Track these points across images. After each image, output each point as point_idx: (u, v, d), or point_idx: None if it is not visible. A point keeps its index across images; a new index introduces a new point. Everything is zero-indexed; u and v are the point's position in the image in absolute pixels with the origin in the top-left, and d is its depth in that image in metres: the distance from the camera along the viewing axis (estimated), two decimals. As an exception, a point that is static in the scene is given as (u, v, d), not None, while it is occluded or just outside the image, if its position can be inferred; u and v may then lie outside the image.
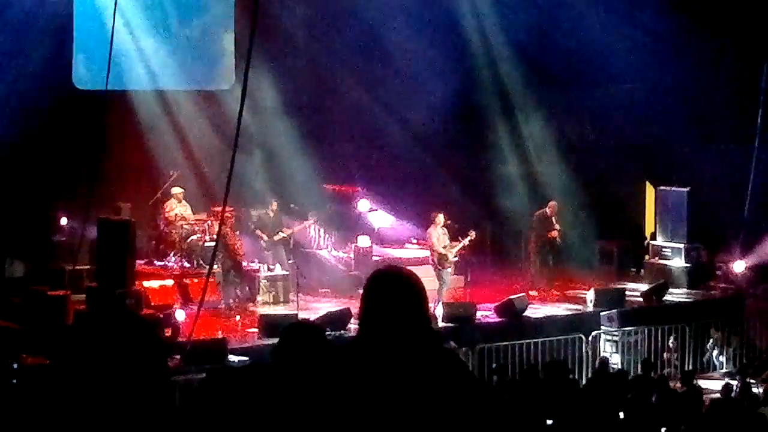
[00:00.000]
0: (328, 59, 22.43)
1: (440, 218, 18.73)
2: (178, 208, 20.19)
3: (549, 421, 12.53)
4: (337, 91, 22.52)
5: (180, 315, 16.32)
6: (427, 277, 19.69)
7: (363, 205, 22.02)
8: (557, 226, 20.16)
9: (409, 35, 22.17)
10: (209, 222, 19.83)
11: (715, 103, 21.26)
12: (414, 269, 17.59)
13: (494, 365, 16.01)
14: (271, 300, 19.03)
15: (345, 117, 22.72)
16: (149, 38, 21.51)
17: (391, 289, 4.04)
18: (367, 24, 22.17)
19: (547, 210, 20.34)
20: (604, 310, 18.53)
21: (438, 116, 22.68)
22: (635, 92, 22.00)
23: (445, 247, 18.57)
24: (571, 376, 15.85)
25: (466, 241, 18.77)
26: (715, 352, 18.46)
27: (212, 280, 17.12)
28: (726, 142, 21.00)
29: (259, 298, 18.98)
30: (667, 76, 21.45)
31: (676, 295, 20.39)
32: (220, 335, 16.36)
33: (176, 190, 20.31)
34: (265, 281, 19.19)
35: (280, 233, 19.93)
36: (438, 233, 18.63)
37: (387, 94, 22.22)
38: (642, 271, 21.78)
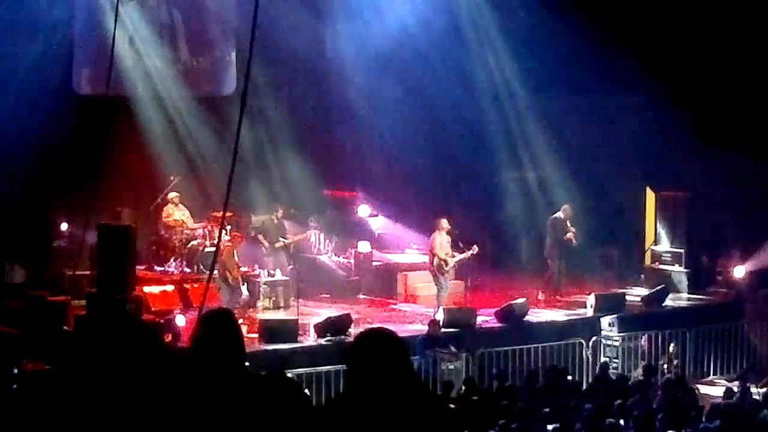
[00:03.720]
0: (328, 65, 22.45)
1: (445, 224, 18.68)
2: (176, 213, 20.18)
3: (550, 427, 12.53)
4: (337, 96, 22.52)
5: (180, 320, 16.30)
6: (425, 282, 19.76)
7: (363, 210, 22.03)
8: (572, 229, 20.19)
9: (408, 40, 22.19)
10: (209, 227, 19.83)
11: (715, 107, 21.26)
12: (413, 274, 17.67)
13: (495, 370, 16.00)
14: (271, 305, 19.02)
15: (345, 122, 22.71)
16: (151, 46, 21.55)
17: (377, 349, 4.37)
18: (365, 29, 22.19)
19: (561, 213, 20.35)
20: (605, 315, 18.53)
21: (437, 121, 22.69)
22: (636, 98, 21.97)
23: (446, 254, 18.55)
24: (570, 377, 15.88)
25: (467, 254, 18.71)
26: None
27: (212, 285, 17.12)
28: (726, 147, 20.97)
29: (259, 303, 18.97)
30: (667, 81, 21.43)
31: (677, 299, 20.40)
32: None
33: (172, 195, 20.30)
34: (266, 286, 19.18)
35: (281, 240, 19.93)
36: (441, 239, 18.59)
37: (386, 99, 22.23)
38: (642, 276, 21.77)
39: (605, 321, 18.39)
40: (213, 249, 17.76)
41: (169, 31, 22.06)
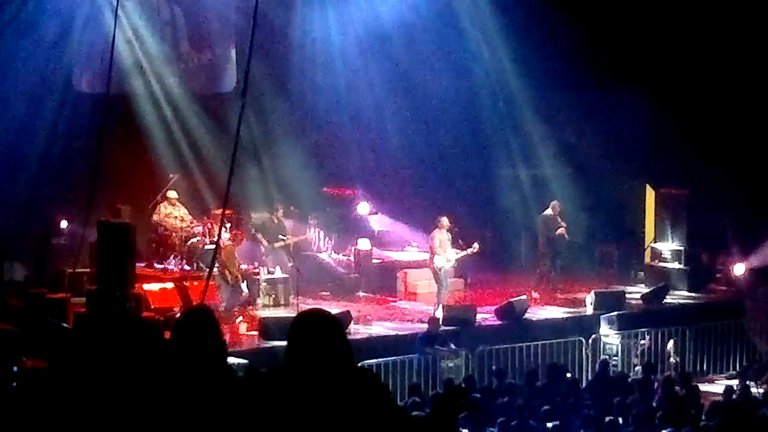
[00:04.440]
0: (327, 62, 22.44)
1: (445, 221, 18.67)
2: (169, 209, 20.12)
3: (549, 425, 12.54)
4: (336, 93, 22.51)
5: (180, 318, 16.28)
6: (425, 280, 19.75)
7: (363, 208, 22.02)
8: (563, 224, 20.20)
9: (407, 38, 22.18)
10: (209, 225, 19.81)
11: (715, 105, 21.26)
12: (413, 272, 17.66)
13: (494, 368, 16.00)
14: (271, 303, 19.02)
15: (344, 120, 22.71)
16: (151, 43, 21.53)
17: (312, 329, 4.63)
18: (365, 27, 22.19)
19: (550, 210, 20.38)
20: (605, 313, 18.54)
21: (437, 118, 22.70)
22: (636, 95, 21.97)
23: (445, 252, 18.53)
24: (569, 375, 15.88)
25: (468, 252, 18.71)
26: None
27: (212, 283, 17.11)
28: (726, 144, 20.98)
29: (259, 301, 18.97)
30: (668, 78, 21.44)
31: (677, 297, 20.41)
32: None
33: (170, 194, 20.26)
34: (265, 284, 19.18)
35: (280, 238, 19.93)
36: (441, 237, 18.58)
37: (385, 97, 22.23)
38: (642, 273, 21.78)
39: (605, 319, 18.40)
40: (213, 246, 17.76)
41: (171, 28, 22.04)
